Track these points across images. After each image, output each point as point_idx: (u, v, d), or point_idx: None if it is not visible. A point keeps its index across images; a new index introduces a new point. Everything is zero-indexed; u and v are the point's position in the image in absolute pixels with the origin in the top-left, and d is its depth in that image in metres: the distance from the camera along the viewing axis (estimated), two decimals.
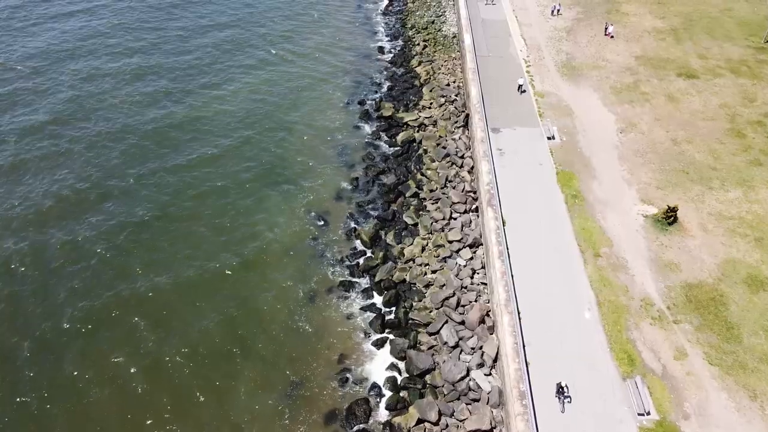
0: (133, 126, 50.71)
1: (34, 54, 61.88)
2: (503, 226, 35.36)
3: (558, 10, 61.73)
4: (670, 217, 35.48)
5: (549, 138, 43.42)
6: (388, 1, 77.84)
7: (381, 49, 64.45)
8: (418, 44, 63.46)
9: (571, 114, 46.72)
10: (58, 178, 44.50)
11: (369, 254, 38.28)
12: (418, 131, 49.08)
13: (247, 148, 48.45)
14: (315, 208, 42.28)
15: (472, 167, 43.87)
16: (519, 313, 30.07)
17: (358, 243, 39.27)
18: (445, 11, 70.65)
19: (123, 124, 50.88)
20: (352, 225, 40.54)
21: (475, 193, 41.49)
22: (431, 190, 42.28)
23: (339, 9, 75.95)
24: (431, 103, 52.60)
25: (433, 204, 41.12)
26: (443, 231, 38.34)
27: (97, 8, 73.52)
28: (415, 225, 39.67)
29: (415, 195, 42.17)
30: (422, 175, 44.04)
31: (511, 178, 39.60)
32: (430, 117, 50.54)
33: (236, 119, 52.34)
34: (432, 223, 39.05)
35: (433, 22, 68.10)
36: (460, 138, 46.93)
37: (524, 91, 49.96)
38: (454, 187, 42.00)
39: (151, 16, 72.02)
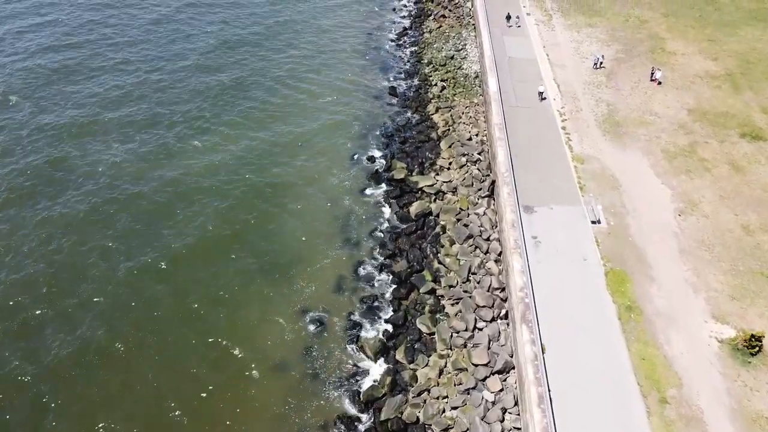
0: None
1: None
2: (542, 353, 28.22)
3: (601, 63, 53.03)
4: (754, 346, 28.11)
5: (594, 222, 36.12)
6: (402, 31, 70.17)
7: (393, 90, 56.99)
8: (436, 85, 56.22)
9: (617, 187, 39.33)
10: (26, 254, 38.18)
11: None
12: (434, 201, 41.94)
13: (233, 220, 41.30)
14: (310, 305, 35.17)
15: (500, 253, 36.72)
16: None
17: (361, 356, 32.28)
18: (465, 44, 63.15)
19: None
20: (355, 332, 33.50)
21: (503, 290, 34.33)
22: (450, 286, 35.14)
23: (347, 40, 68.47)
24: (450, 163, 45.44)
25: (452, 305, 34.01)
26: (465, 347, 31.20)
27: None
28: (431, 334, 32.61)
29: (432, 291, 35.08)
30: (440, 263, 36.91)
31: (549, 280, 32.34)
32: (449, 182, 43.36)
33: (223, 178, 45.28)
34: (452, 335, 31.95)
35: (452, 58, 60.72)
36: (485, 213, 39.74)
37: (545, 98, 46.65)
38: (478, 282, 34.88)
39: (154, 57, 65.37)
